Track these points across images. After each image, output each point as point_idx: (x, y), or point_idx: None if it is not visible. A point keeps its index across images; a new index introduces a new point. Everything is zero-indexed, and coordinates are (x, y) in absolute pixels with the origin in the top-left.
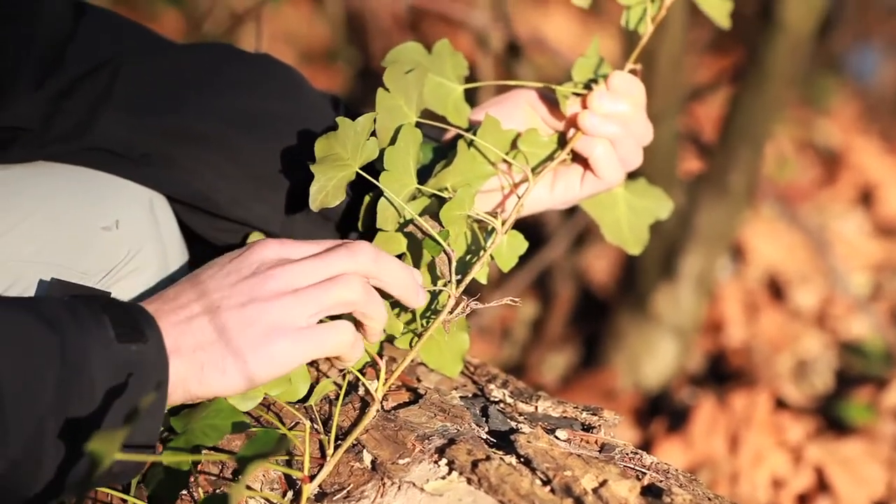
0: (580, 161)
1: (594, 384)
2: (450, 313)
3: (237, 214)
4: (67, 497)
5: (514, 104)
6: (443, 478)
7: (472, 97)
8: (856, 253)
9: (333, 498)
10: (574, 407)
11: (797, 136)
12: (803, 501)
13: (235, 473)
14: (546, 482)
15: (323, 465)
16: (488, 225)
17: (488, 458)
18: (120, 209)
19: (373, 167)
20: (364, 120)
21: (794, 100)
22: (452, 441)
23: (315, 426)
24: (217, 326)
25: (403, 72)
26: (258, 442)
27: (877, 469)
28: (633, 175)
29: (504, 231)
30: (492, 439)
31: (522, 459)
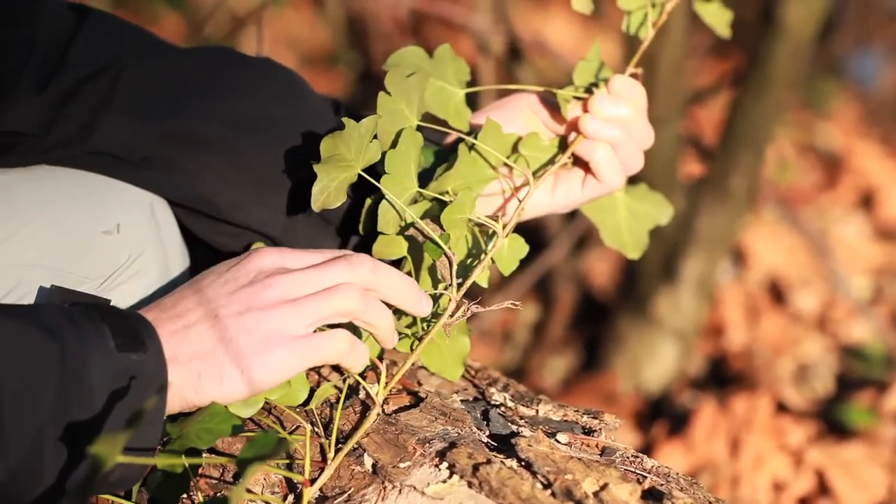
0: (581, 165)
1: (595, 388)
2: (450, 317)
3: (238, 218)
4: None
5: (516, 108)
6: (444, 481)
7: (474, 101)
8: (857, 256)
9: (334, 502)
10: (575, 410)
11: (798, 140)
12: None
13: (236, 477)
14: (547, 486)
15: (324, 469)
16: (489, 228)
17: (489, 462)
18: (121, 213)
19: (374, 170)
20: (368, 122)
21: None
22: (453, 444)
23: (316, 430)
24: (215, 335)
25: (405, 75)
26: (258, 445)
27: (878, 473)
28: (634, 179)
29: (505, 234)
30: (493, 443)
31: (523, 463)
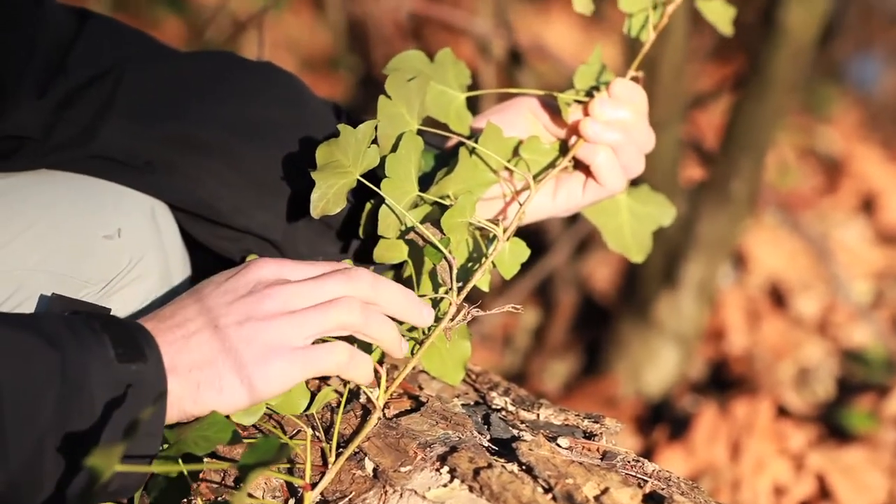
0: (582, 168)
1: (596, 392)
2: (451, 321)
3: (239, 222)
4: None
5: (516, 112)
6: (444, 486)
7: (474, 105)
8: (857, 261)
9: None
10: (576, 414)
11: (799, 144)
12: None
13: (237, 482)
14: (548, 490)
15: (325, 473)
16: (490, 232)
17: (490, 466)
18: (122, 217)
19: (374, 174)
20: (365, 127)
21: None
22: (454, 449)
23: (316, 434)
24: (214, 345)
25: (405, 80)
26: (259, 450)
27: (878, 477)
28: (636, 182)
29: (506, 238)
30: (494, 447)
31: (524, 467)
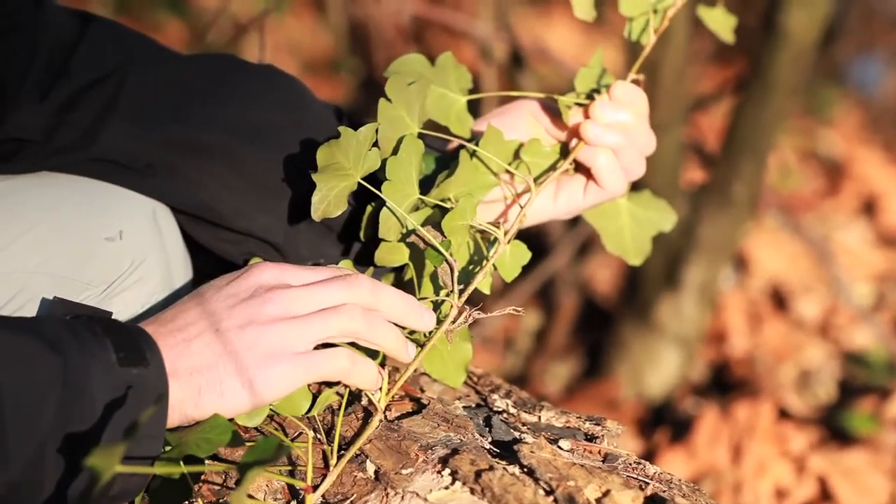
0: (583, 171)
1: (597, 394)
2: (452, 323)
3: (240, 225)
4: None
5: (517, 114)
6: (446, 488)
7: (476, 108)
8: (859, 263)
9: None
10: (577, 417)
11: (800, 147)
12: None
13: (238, 483)
14: (549, 492)
15: (326, 476)
16: (491, 235)
17: (492, 468)
18: (123, 220)
19: (375, 177)
20: (366, 130)
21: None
22: (456, 451)
23: (318, 436)
24: (215, 349)
25: (406, 83)
26: (259, 450)
27: (880, 479)
28: (637, 185)
29: (507, 241)
30: (495, 449)
31: (526, 469)
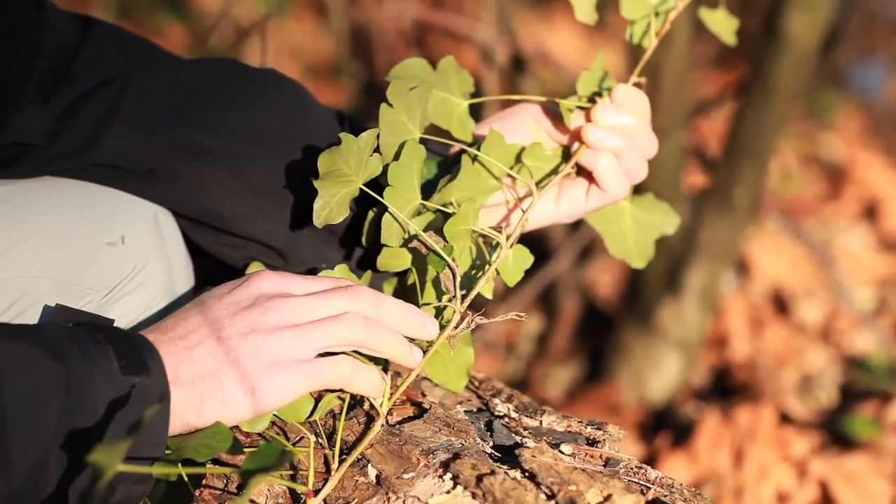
0: (585, 175)
1: (599, 398)
2: (455, 328)
3: (242, 229)
4: None
5: (519, 118)
6: (447, 492)
7: (477, 112)
8: (860, 267)
9: None
10: (578, 421)
11: (802, 151)
12: None
13: (240, 488)
14: (551, 496)
15: (328, 480)
16: (493, 239)
17: (493, 473)
18: (125, 224)
19: (377, 182)
20: (367, 135)
21: (799, 114)
22: (457, 455)
23: (319, 441)
24: (217, 357)
25: (407, 87)
26: (261, 455)
27: (881, 483)
28: (638, 189)
29: (509, 245)
30: (496, 454)
31: (527, 474)
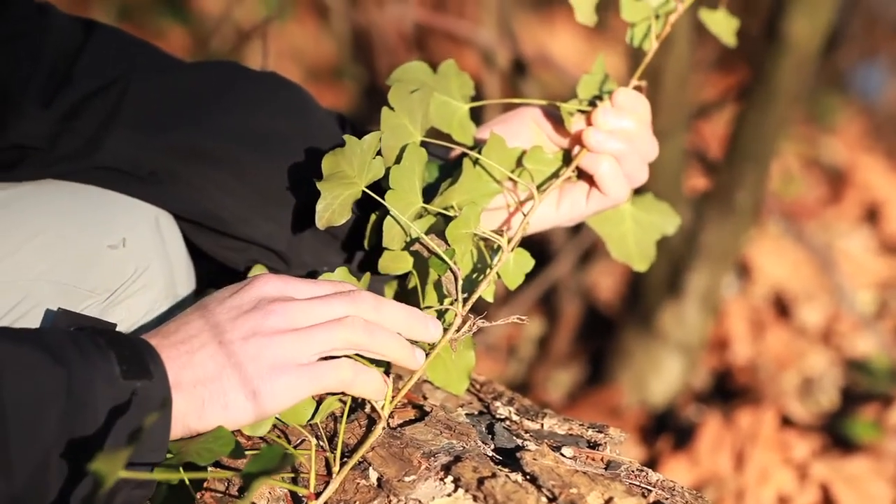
0: (586, 178)
1: (600, 401)
2: (456, 331)
3: (244, 232)
4: None
5: (520, 122)
6: (449, 495)
7: (478, 115)
8: (861, 270)
9: None
10: (580, 424)
11: (803, 154)
12: None
13: (241, 491)
14: (552, 499)
15: (329, 483)
16: (494, 243)
17: (494, 476)
18: (127, 227)
19: (379, 185)
20: (370, 138)
21: (800, 117)
22: (458, 458)
23: (321, 444)
24: (218, 361)
25: (408, 91)
26: (263, 458)
27: (882, 486)
28: (639, 192)
29: (510, 249)
30: (498, 456)
31: (528, 477)
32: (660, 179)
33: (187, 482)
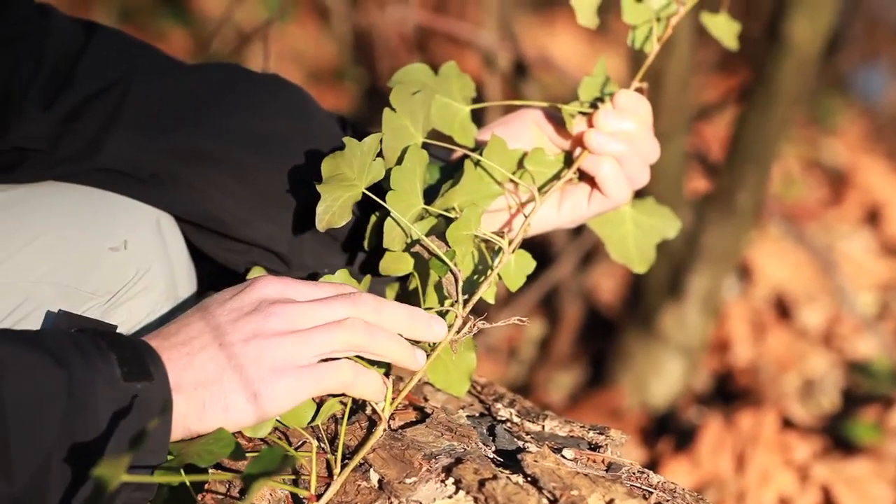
0: (587, 180)
1: (601, 403)
2: (457, 333)
3: (245, 234)
4: None
5: (521, 123)
6: (450, 497)
7: (480, 117)
8: (862, 272)
9: None
10: (581, 426)
11: (804, 156)
12: None
13: (242, 492)
14: (553, 501)
15: (330, 485)
16: (495, 244)
17: (495, 478)
18: (128, 229)
19: (379, 187)
20: (370, 140)
21: (801, 119)
22: (459, 460)
23: (322, 445)
24: (219, 363)
25: (410, 92)
26: (263, 460)
27: (883, 488)
28: (640, 194)
29: (511, 250)
30: (499, 458)
31: (529, 479)
32: (661, 181)
33: (188, 484)
